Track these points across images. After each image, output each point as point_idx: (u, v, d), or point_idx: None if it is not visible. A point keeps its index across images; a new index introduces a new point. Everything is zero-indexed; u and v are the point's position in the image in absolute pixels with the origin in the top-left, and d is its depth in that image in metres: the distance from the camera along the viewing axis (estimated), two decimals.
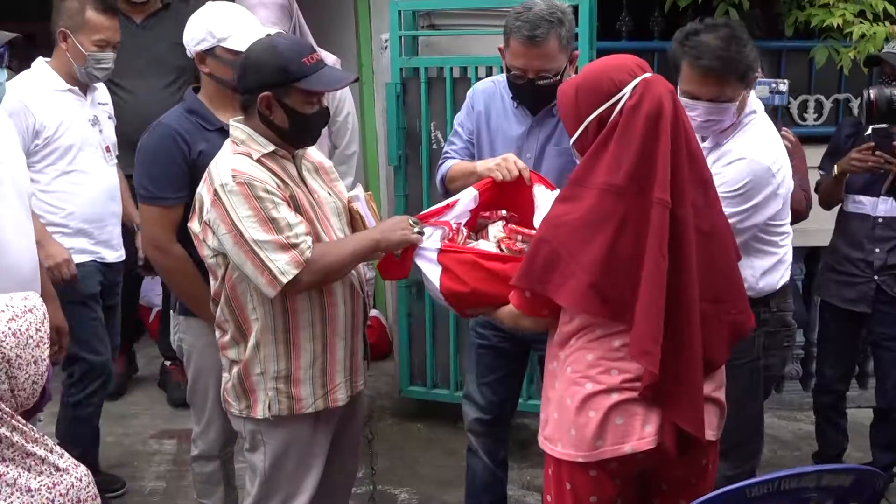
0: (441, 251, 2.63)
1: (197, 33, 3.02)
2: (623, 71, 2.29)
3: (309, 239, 2.56)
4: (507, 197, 2.80)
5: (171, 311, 3.20)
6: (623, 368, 2.28)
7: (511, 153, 2.88)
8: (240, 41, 2.92)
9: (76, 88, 3.77)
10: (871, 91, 2.31)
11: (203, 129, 2.97)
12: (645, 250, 2.20)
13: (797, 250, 4.23)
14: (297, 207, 2.60)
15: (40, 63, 3.78)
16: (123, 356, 4.97)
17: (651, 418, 2.28)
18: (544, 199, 2.68)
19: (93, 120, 3.81)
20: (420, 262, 2.69)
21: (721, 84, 2.76)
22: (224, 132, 2.85)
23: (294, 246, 2.52)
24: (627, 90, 2.25)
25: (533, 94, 3.01)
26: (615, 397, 2.28)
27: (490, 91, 3.22)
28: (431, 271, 2.64)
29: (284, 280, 2.51)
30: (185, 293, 3.01)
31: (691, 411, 2.28)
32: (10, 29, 3.35)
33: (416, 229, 2.66)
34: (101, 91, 3.95)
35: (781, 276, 2.96)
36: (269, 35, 2.75)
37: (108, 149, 3.86)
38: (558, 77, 2.95)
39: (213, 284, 2.71)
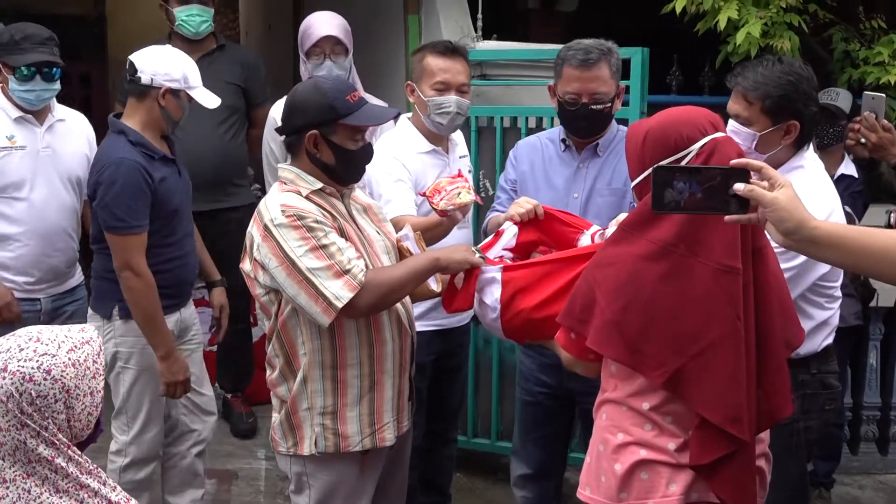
0: (504, 269, 2.63)
1: (174, 72, 3.29)
2: (694, 126, 2.23)
3: (361, 263, 2.58)
4: (546, 233, 2.83)
5: (105, 321, 3.36)
6: (657, 423, 2.24)
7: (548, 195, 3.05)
8: (201, 95, 3.37)
9: (439, 148, 3.50)
10: (892, 215, 2.24)
11: (151, 158, 3.27)
12: (690, 311, 2.15)
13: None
14: (346, 239, 2.63)
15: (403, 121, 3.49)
16: None
17: (677, 478, 2.23)
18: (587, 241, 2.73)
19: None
20: (481, 285, 2.66)
21: (744, 103, 2.74)
22: (165, 160, 3.26)
23: (346, 271, 2.54)
24: (695, 148, 2.20)
25: (586, 119, 3.09)
26: (643, 454, 2.24)
27: (533, 144, 3.34)
28: (492, 290, 2.61)
29: (339, 305, 2.52)
30: (147, 314, 3.27)
31: (741, 490, 2.23)
32: (66, 68, 3.46)
33: (477, 255, 2.67)
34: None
35: (824, 339, 2.87)
36: (310, 77, 2.84)
37: None
38: (609, 104, 3.07)
39: (267, 324, 2.72)
